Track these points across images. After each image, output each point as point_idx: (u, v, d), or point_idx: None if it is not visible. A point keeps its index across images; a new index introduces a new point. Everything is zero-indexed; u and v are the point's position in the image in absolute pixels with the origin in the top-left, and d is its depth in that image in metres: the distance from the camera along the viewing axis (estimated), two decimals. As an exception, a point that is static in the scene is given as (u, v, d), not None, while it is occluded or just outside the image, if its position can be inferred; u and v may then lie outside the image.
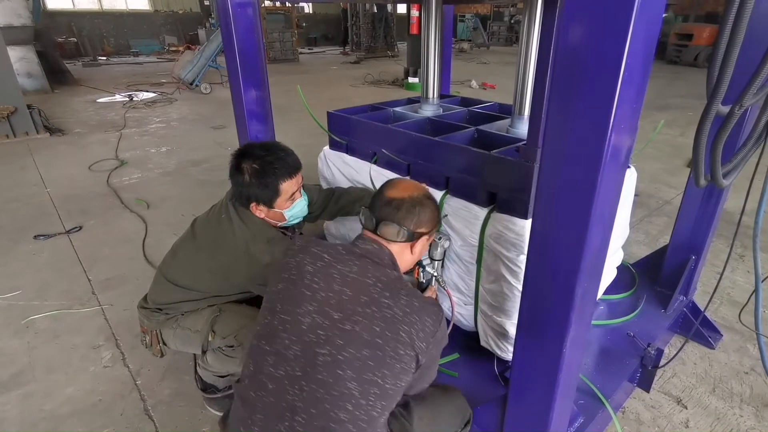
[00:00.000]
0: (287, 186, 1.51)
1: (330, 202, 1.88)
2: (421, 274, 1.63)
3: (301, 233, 1.84)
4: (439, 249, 1.60)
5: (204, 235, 1.60)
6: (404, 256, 1.18)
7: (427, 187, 1.28)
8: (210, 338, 1.60)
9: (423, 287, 1.64)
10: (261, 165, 1.47)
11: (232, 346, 1.58)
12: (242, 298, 1.66)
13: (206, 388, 1.80)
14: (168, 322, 1.64)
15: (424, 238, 1.20)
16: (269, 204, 1.52)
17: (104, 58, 15.48)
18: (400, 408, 1.15)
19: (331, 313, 1.00)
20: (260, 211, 1.54)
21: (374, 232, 1.16)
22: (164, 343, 1.70)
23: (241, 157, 1.51)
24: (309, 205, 1.79)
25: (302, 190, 1.62)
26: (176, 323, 1.64)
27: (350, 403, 0.94)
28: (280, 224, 1.61)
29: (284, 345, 1.01)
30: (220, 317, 1.61)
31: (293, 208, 1.58)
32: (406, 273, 1.58)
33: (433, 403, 1.23)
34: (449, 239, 1.61)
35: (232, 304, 1.65)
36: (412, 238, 1.16)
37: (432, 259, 1.62)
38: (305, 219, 1.81)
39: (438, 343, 1.07)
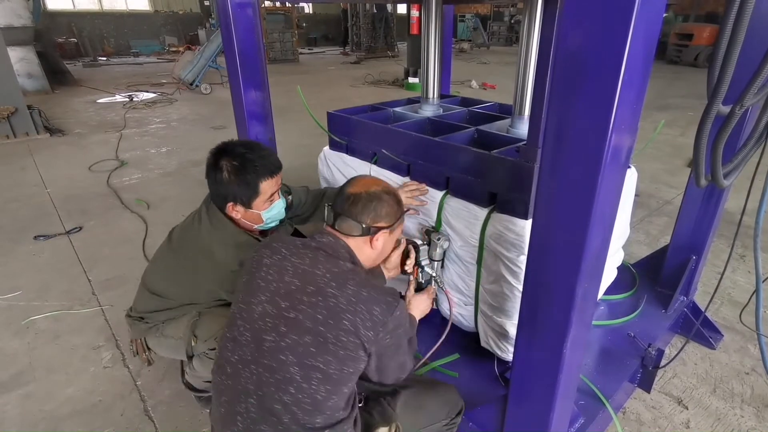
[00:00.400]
0: (267, 186, 1.47)
1: (321, 202, 1.84)
2: (420, 274, 1.62)
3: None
4: (438, 250, 1.60)
5: (177, 241, 1.58)
6: (364, 250, 1.20)
7: (387, 183, 1.28)
8: (193, 343, 1.57)
9: (422, 288, 1.64)
10: (241, 162, 1.43)
11: (214, 348, 1.54)
12: (218, 305, 1.61)
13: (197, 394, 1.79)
14: (150, 331, 1.62)
15: (384, 232, 1.21)
16: (247, 204, 1.47)
17: (104, 58, 15.49)
18: (389, 396, 1.23)
19: (279, 302, 1.05)
20: (237, 212, 1.49)
21: (333, 226, 1.19)
22: (151, 350, 1.69)
23: (219, 154, 1.46)
24: (298, 206, 1.78)
25: (280, 193, 1.57)
26: (159, 332, 1.61)
27: (292, 386, 0.99)
28: (256, 226, 1.55)
29: (239, 332, 1.08)
30: (200, 321, 1.58)
31: (271, 209, 1.52)
32: (404, 273, 1.59)
33: (420, 393, 1.28)
34: (448, 240, 1.61)
35: (212, 309, 1.61)
36: (369, 232, 1.18)
37: (431, 260, 1.62)
38: (291, 222, 1.78)
39: (393, 333, 1.06)
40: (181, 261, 1.54)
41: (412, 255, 1.56)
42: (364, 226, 1.17)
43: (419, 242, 1.59)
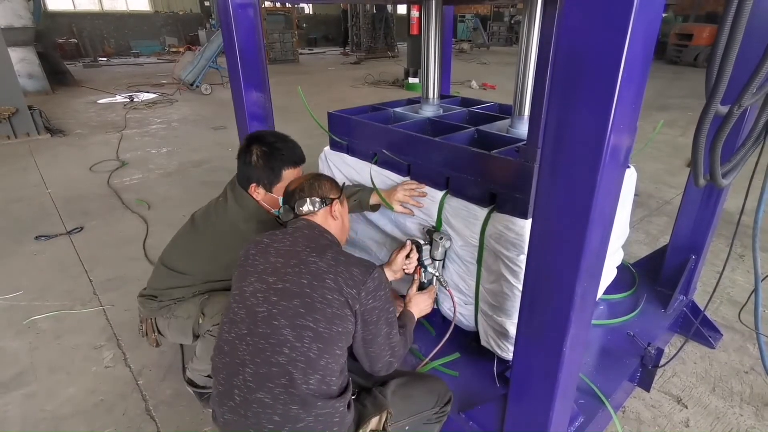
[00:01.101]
0: (289, 174, 1.59)
1: None
2: (423, 273, 1.63)
3: None
4: (440, 249, 1.61)
5: (201, 220, 1.69)
6: (329, 223, 1.33)
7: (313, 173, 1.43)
8: (200, 321, 1.64)
9: (425, 287, 1.65)
10: (270, 149, 1.58)
11: (217, 325, 1.59)
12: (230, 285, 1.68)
13: (200, 393, 1.81)
14: (161, 311, 1.68)
15: (336, 202, 1.35)
16: (268, 187, 1.60)
17: (105, 59, 15.50)
18: (379, 386, 1.30)
19: (267, 278, 1.15)
20: (258, 194, 1.61)
21: (296, 217, 1.32)
22: (160, 333, 1.75)
23: (252, 140, 1.61)
24: None
25: None
26: (170, 313, 1.68)
27: (286, 347, 1.07)
28: (273, 211, 1.66)
29: (234, 312, 1.17)
30: (209, 300, 1.66)
31: None
32: (408, 274, 1.60)
33: (408, 383, 1.35)
34: (450, 239, 1.62)
35: (221, 291, 1.68)
36: (325, 203, 1.33)
37: (433, 259, 1.63)
38: None
39: (375, 294, 1.14)
40: (204, 237, 1.65)
41: (414, 254, 1.58)
42: (318, 200, 1.32)
43: (421, 242, 1.60)
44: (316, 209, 1.31)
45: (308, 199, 1.32)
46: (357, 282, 1.11)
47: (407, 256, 1.58)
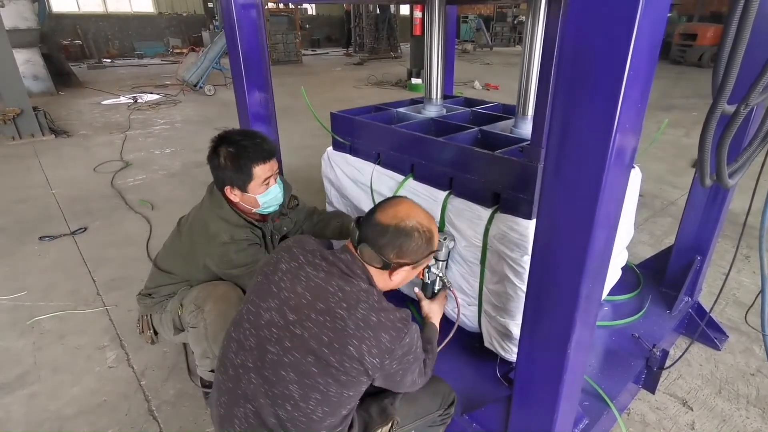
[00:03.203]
0: (260, 170, 1.56)
1: (306, 221, 1.97)
2: (426, 275, 1.62)
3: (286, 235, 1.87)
4: (444, 250, 1.60)
5: (184, 224, 1.73)
6: (382, 278, 1.15)
7: (425, 213, 1.18)
8: (179, 312, 1.67)
9: (428, 288, 1.64)
10: (236, 149, 1.54)
11: (193, 312, 1.61)
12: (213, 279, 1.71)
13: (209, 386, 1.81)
14: (155, 307, 1.75)
15: (407, 268, 1.14)
16: (242, 187, 1.57)
17: (109, 60, 15.57)
18: (384, 395, 1.24)
19: (287, 313, 1.04)
20: (234, 195, 1.60)
21: (355, 248, 1.13)
22: (155, 330, 1.82)
23: (219, 141, 1.58)
24: (296, 216, 1.89)
25: (279, 179, 1.66)
26: (162, 308, 1.74)
27: (289, 403, 1.00)
28: (254, 210, 1.65)
29: (245, 335, 1.08)
30: (189, 291, 1.69)
31: (267, 194, 1.61)
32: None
33: None
34: (454, 240, 1.61)
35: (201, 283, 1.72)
36: (389, 267, 1.12)
37: (437, 260, 1.62)
38: (284, 213, 1.84)
39: (402, 359, 1.04)
40: (183, 239, 1.69)
41: None
42: (385, 260, 1.10)
43: None
44: (376, 266, 1.11)
45: (374, 253, 1.09)
46: (383, 350, 1.00)
47: None
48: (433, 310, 1.51)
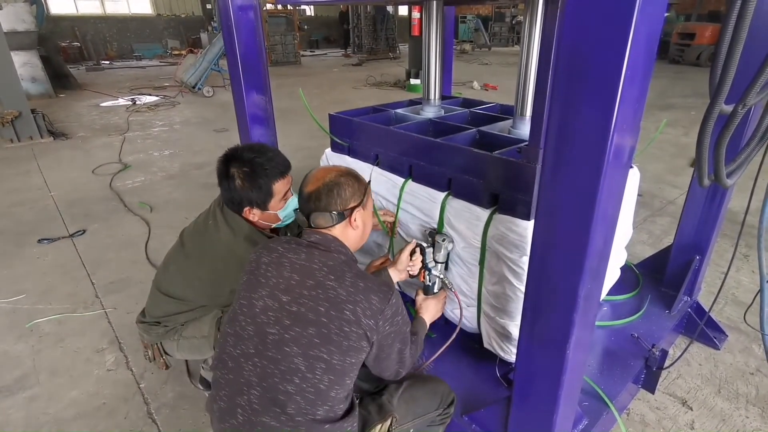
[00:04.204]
0: (280, 186, 1.51)
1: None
2: (428, 277, 1.62)
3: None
4: (443, 251, 1.60)
5: (192, 244, 1.59)
6: (348, 234, 1.23)
7: (338, 166, 1.31)
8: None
9: (429, 290, 1.64)
10: (251, 167, 1.46)
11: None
12: None
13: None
14: (168, 334, 1.63)
15: (358, 210, 1.22)
16: (263, 206, 1.51)
17: (107, 62, 15.56)
18: (383, 390, 1.28)
19: (280, 296, 1.08)
20: (253, 215, 1.52)
21: (310, 226, 1.22)
22: (167, 354, 1.71)
23: (228, 161, 1.49)
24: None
25: (292, 190, 1.61)
26: (177, 335, 1.63)
27: (297, 376, 1.03)
28: (273, 226, 1.59)
29: (241, 326, 1.11)
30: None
31: (286, 207, 1.57)
32: (413, 277, 1.59)
33: (412, 386, 1.32)
34: (452, 241, 1.61)
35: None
36: (344, 217, 1.20)
37: (436, 262, 1.62)
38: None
39: (392, 320, 1.10)
40: (201, 265, 1.55)
41: (418, 257, 1.56)
42: (335, 213, 1.19)
43: (424, 245, 1.59)
44: (333, 223, 1.20)
45: (326, 214, 1.19)
46: (375, 311, 1.06)
47: (411, 255, 1.56)
48: (426, 307, 1.53)
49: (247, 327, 1.10)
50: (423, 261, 1.59)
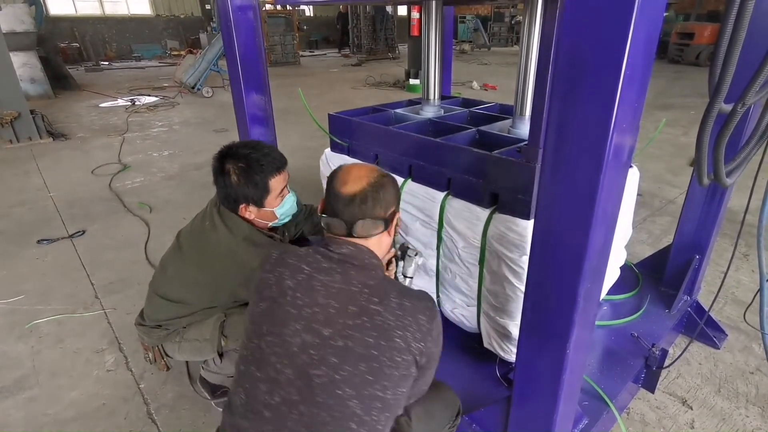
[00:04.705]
0: (276, 182, 1.50)
1: (306, 222, 1.92)
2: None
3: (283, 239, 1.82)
4: (413, 266, 1.50)
5: (189, 246, 1.58)
6: (382, 243, 1.11)
7: (370, 165, 1.22)
8: (223, 343, 1.59)
9: None
10: (247, 163, 1.44)
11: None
12: (237, 306, 1.63)
13: (214, 391, 1.79)
14: (169, 336, 1.63)
15: (398, 213, 1.15)
16: (259, 203, 1.49)
17: (107, 62, 15.54)
18: (402, 415, 1.15)
19: (320, 329, 0.95)
20: (250, 213, 1.51)
21: (349, 235, 1.06)
22: (168, 356, 1.70)
23: (223, 158, 1.48)
24: (296, 217, 1.80)
25: (289, 187, 1.60)
26: (179, 337, 1.62)
27: (353, 421, 0.91)
28: (270, 224, 1.59)
29: (276, 369, 0.95)
30: (228, 321, 1.60)
31: (283, 205, 1.56)
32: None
33: (426, 401, 1.21)
34: (422, 256, 1.54)
35: (235, 308, 1.63)
36: (389, 224, 1.09)
37: (404, 276, 1.51)
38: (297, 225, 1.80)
39: (435, 340, 1.01)
40: (199, 268, 1.54)
41: (393, 266, 1.49)
42: (383, 219, 1.07)
43: (399, 253, 1.52)
44: (376, 232, 1.06)
45: (373, 221, 1.04)
46: (425, 333, 0.96)
47: (388, 266, 1.46)
48: None
49: (284, 370, 0.94)
50: (395, 272, 1.50)
